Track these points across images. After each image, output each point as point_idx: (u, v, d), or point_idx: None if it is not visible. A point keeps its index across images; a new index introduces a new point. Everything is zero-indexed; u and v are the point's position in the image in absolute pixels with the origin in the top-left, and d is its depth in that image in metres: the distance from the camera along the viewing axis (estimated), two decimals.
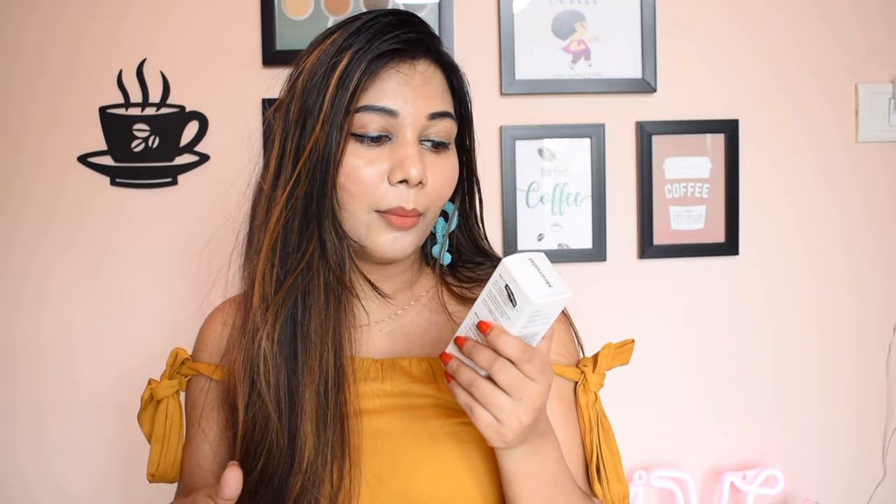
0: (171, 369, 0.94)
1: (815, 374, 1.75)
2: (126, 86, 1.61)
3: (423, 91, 0.80)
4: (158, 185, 1.62)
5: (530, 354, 0.69)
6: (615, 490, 0.87)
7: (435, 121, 0.80)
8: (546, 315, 0.69)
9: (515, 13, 1.65)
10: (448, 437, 0.81)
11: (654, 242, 1.69)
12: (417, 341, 0.88)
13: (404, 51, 0.79)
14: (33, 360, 1.61)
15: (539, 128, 1.66)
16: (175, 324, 1.60)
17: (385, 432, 0.81)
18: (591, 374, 0.88)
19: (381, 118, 0.78)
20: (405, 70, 0.79)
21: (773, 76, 1.71)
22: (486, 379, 0.70)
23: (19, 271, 1.60)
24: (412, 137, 0.79)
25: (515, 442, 0.72)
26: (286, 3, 1.61)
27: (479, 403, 0.70)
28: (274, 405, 0.79)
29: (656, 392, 1.71)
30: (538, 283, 0.68)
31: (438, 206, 0.83)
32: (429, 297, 0.91)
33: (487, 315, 0.70)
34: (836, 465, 1.75)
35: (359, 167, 0.78)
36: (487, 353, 0.69)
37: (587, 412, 0.88)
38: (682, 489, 1.67)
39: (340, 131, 0.77)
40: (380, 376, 0.84)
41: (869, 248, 1.75)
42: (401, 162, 0.78)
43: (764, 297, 1.73)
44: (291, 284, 0.80)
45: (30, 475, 1.62)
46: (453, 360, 0.72)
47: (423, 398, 0.83)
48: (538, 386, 0.70)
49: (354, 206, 0.79)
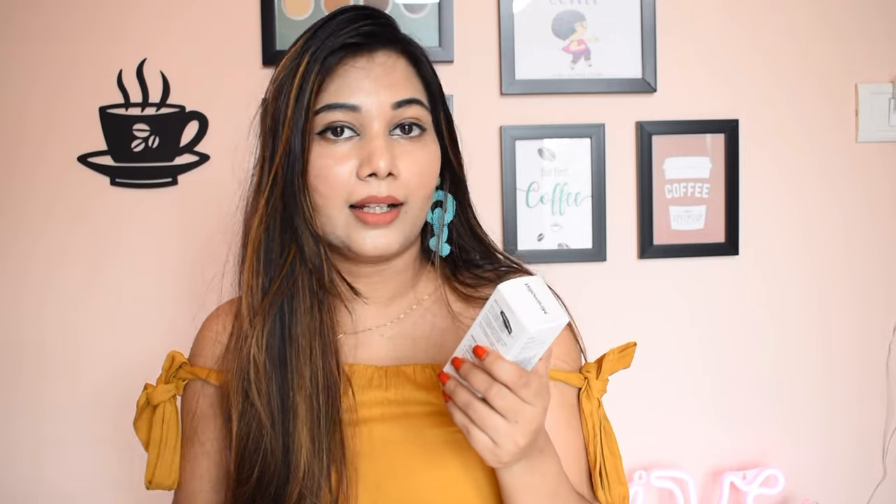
0: (167, 373, 0.92)
1: (815, 375, 1.75)
2: (126, 86, 1.61)
3: (384, 81, 0.79)
4: (158, 185, 1.62)
5: (526, 380, 0.68)
6: (616, 491, 0.87)
7: (401, 109, 0.79)
8: (542, 340, 0.69)
9: (515, 13, 1.65)
10: (449, 446, 0.80)
11: (654, 242, 1.69)
12: (422, 346, 0.87)
13: (360, 44, 0.79)
14: (34, 360, 1.61)
15: (539, 128, 1.66)
16: (175, 323, 1.60)
17: (385, 440, 0.81)
18: (594, 380, 0.88)
19: (343, 114, 0.78)
20: (362, 64, 0.79)
21: (773, 76, 1.71)
22: (482, 401, 0.69)
23: (19, 271, 1.60)
24: (379, 129, 0.78)
25: (512, 462, 0.72)
26: (286, 3, 1.61)
27: (475, 425, 0.70)
28: (267, 412, 0.79)
29: (656, 392, 1.71)
30: (534, 311, 0.67)
31: (421, 195, 0.81)
32: (432, 300, 0.89)
33: (484, 339, 0.70)
34: (836, 465, 1.75)
35: (328, 167, 0.78)
36: (483, 377, 0.68)
37: (591, 419, 0.87)
38: (682, 489, 1.67)
39: (303, 134, 0.77)
40: (383, 384, 0.83)
41: (869, 248, 1.75)
42: (368, 156, 0.77)
43: (764, 297, 1.73)
44: (276, 290, 0.80)
45: (30, 475, 1.62)
46: (451, 381, 0.72)
47: (426, 406, 0.82)
48: (534, 409, 0.69)
49: (329, 207, 0.79)
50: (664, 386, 1.71)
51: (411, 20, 1.62)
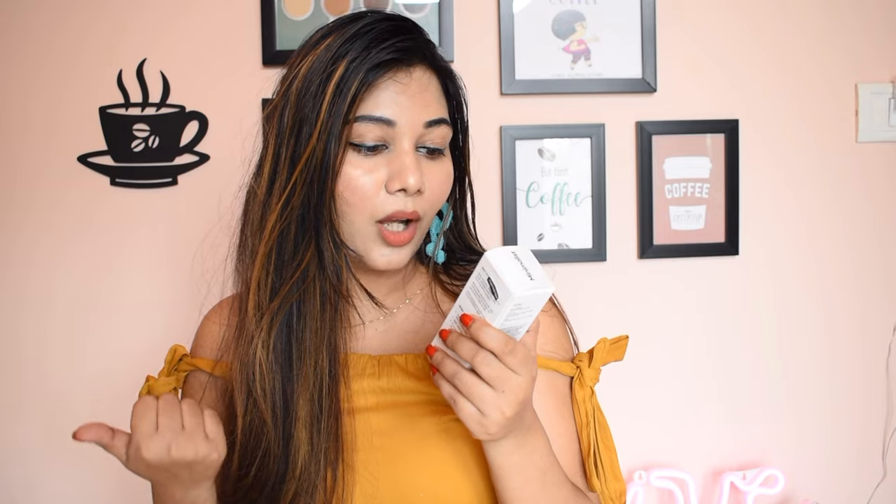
0: (169, 366, 0.94)
1: (815, 374, 1.75)
2: (126, 86, 1.61)
3: (419, 99, 0.80)
4: (158, 185, 1.62)
5: (512, 346, 0.69)
6: (612, 487, 0.88)
7: (431, 128, 0.80)
8: (529, 308, 0.70)
9: (515, 13, 1.65)
10: (440, 434, 0.81)
11: (655, 242, 1.69)
12: (412, 339, 0.88)
13: (400, 59, 0.79)
14: (34, 359, 1.61)
15: (539, 128, 1.66)
16: (175, 323, 1.60)
17: (379, 431, 0.82)
18: (586, 368, 0.89)
19: (378, 128, 0.78)
20: (401, 79, 0.79)
21: (773, 76, 1.71)
22: (469, 371, 0.70)
23: (20, 271, 1.61)
24: (409, 146, 0.79)
25: (499, 434, 0.72)
26: (286, 3, 1.61)
27: (462, 395, 0.71)
28: (269, 411, 0.80)
29: (656, 392, 1.71)
30: (520, 276, 0.68)
31: (435, 210, 0.84)
32: (422, 296, 0.91)
33: (471, 308, 0.71)
34: (836, 465, 1.75)
35: (357, 177, 0.78)
36: (470, 345, 0.70)
37: (583, 406, 0.88)
38: (682, 489, 1.67)
39: (339, 141, 0.77)
40: (376, 372, 0.85)
41: (868, 248, 1.75)
42: (399, 171, 0.78)
43: (764, 296, 1.73)
44: (287, 293, 0.80)
45: (31, 475, 1.62)
46: (438, 353, 0.73)
47: (418, 395, 0.84)
48: (521, 378, 0.70)
49: (353, 216, 0.79)
50: (664, 386, 1.72)
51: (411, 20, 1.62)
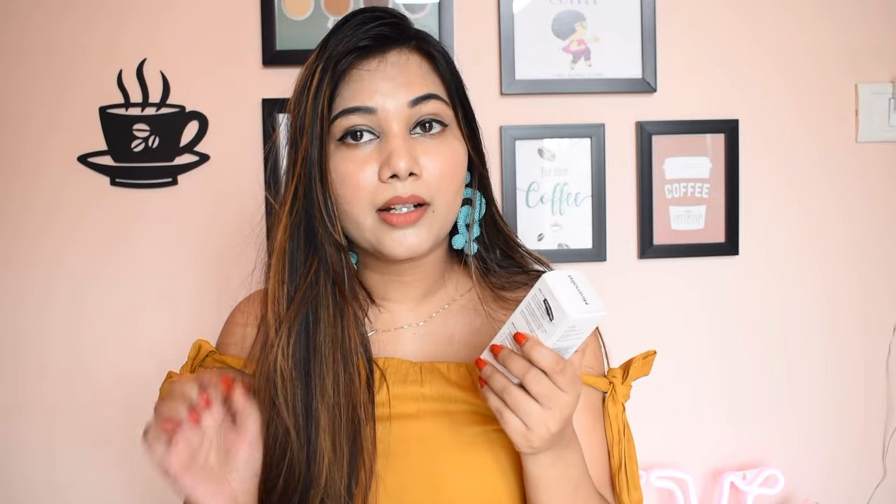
0: (193, 362, 0.92)
1: (815, 374, 1.74)
2: (126, 86, 1.61)
3: (398, 80, 0.79)
4: (158, 185, 1.62)
5: (563, 366, 0.71)
6: (633, 496, 0.89)
7: (419, 106, 0.79)
8: (581, 330, 0.72)
9: (515, 13, 1.65)
10: (483, 443, 0.81)
11: (655, 242, 1.69)
12: (455, 345, 0.87)
13: (371, 46, 0.78)
14: (35, 359, 1.61)
15: (539, 128, 1.66)
16: (175, 322, 1.60)
17: (419, 437, 0.81)
18: (619, 385, 0.90)
19: (361, 118, 0.78)
20: (374, 65, 0.79)
21: (773, 76, 1.71)
22: (518, 387, 0.72)
23: (20, 271, 1.60)
24: (399, 130, 0.78)
25: (542, 448, 0.73)
26: (286, 3, 1.61)
27: (509, 409, 0.72)
28: (291, 420, 0.79)
29: (656, 392, 1.71)
30: (576, 300, 0.71)
31: (447, 193, 0.80)
32: (466, 299, 0.90)
33: (525, 326, 0.73)
34: (836, 465, 1.75)
35: (350, 171, 0.78)
36: (522, 362, 0.71)
37: (616, 423, 0.89)
38: (682, 489, 1.67)
39: (320, 142, 0.78)
40: (419, 379, 0.84)
41: (868, 248, 1.75)
42: (388, 157, 0.77)
43: (764, 296, 1.73)
44: (301, 299, 0.80)
45: (31, 475, 1.62)
46: (487, 367, 0.74)
47: (461, 404, 0.83)
48: (568, 397, 0.71)
49: (355, 212, 0.79)
50: (664, 386, 1.71)
51: (411, 20, 1.62)
